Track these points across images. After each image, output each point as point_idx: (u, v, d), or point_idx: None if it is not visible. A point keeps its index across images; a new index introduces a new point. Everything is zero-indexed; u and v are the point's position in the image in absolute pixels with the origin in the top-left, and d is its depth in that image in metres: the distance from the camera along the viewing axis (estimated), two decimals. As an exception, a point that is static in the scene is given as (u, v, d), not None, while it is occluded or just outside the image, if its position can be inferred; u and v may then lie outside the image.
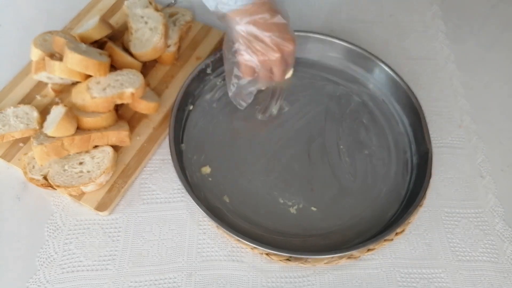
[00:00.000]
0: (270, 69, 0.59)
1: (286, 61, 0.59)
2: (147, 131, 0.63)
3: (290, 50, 0.57)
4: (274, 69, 0.58)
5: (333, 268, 0.55)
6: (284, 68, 0.59)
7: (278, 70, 0.59)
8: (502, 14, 0.79)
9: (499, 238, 0.57)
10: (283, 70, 0.59)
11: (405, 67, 0.71)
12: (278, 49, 0.56)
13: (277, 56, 0.56)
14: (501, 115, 0.68)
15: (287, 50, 0.56)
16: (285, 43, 0.56)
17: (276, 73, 0.59)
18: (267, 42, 0.55)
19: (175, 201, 0.59)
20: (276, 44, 0.55)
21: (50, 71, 0.59)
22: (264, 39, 0.55)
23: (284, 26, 0.55)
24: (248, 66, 0.58)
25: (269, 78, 0.60)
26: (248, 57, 0.57)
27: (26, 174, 0.57)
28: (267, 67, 0.58)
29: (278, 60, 0.57)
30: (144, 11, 0.67)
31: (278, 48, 0.56)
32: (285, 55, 0.57)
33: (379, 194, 0.59)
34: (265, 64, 0.58)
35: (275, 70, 0.59)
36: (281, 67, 0.58)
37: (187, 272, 0.54)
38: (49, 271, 0.54)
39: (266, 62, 0.57)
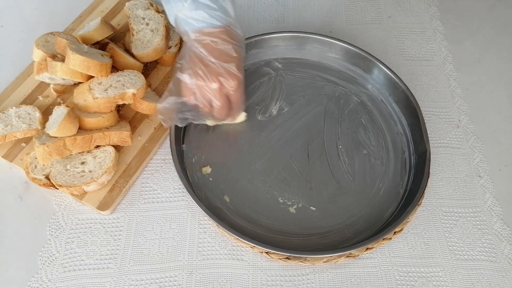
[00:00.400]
0: (209, 101, 0.55)
1: (228, 99, 0.55)
2: (148, 131, 0.63)
3: (230, 85, 0.53)
4: (213, 102, 0.55)
5: (332, 267, 0.55)
6: (223, 104, 0.55)
7: (216, 104, 0.55)
8: (499, 16, 0.79)
9: (497, 237, 0.57)
10: (223, 108, 0.55)
11: (404, 68, 0.72)
12: (217, 79, 0.53)
13: (214, 87, 0.53)
14: (498, 115, 0.68)
15: (227, 84, 0.53)
16: (227, 75, 0.53)
17: (215, 107, 0.55)
18: (208, 68, 0.52)
19: (176, 201, 0.59)
20: (216, 73, 0.52)
21: (52, 72, 0.60)
22: (207, 63, 0.52)
23: (234, 59, 0.53)
24: (187, 87, 0.54)
25: (207, 110, 0.56)
26: (187, 77, 0.54)
27: (28, 174, 0.58)
28: (205, 97, 0.55)
29: (216, 92, 0.53)
30: (145, 13, 0.67)
31: (217, 79, 0.53)
32: (226, 90, 0.54)
33: (377, 194, 0.60)
34: (203, 93, 0.54)
35: (213, 103, 0.55)
36: (220, 102, 0.55)
37: (188, 270, 0.55)
38: (51, 270, 0.54)
39: (203, 90, 0.54)
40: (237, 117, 0.62)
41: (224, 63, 0.53)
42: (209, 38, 0.52)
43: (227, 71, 0.53)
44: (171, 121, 0.59)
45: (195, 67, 0.53)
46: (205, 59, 0.53)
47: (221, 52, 0.53)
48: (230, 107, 0.57)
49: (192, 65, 0.53)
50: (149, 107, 0.62)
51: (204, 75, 0.53)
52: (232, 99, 0.56)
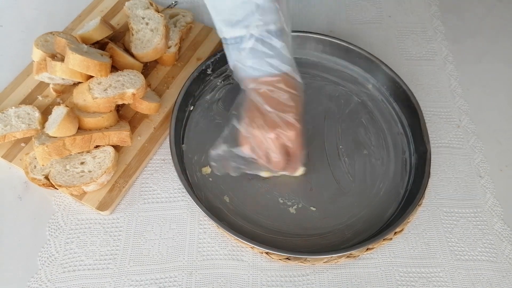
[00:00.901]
0: (265, 152, 0.52)
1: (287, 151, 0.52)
2: (148, 131, 0.63)
3: (288, 135, 0.51)
4: (270, 153, 0.52)
5: (332, 267, 0.55)
6: (280, 156, 0.52)
7: (274, 156, 0.52)
8: (500, 15, 0.79)
9: (498, 237, 0.57)
10: (281, 160, 0.52)
11: (404, 68, 0.72)
12: (274, 129, 0.50)
13: (271, 137, 0.50)
14: (499, 115, 0.68)
15: (285, 135, 0.51)
16: (284, 125, 0.50)
17: (273, 160, 0.52)
18: (265, 118, 0.50)
19: (176, 201, 0.59)
20: (273, 124, 0.50)
21: (51, 71, 0.60)
22: (264, 113, 0.50)
23: (291, 108, 0.51)
24: (243, 136, 0.52)
25: (263, 162, 0.53)
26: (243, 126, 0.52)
27: (28, 174, 0.57)
28: (262, 148, 0.52)
29: (273, 142, 0.51)
30: (145, 12, 0.67)
31: (274, 129, 0.50)
32: (283, 141, 0.51)
33: (378, 194, 0.60)
34: (259, 143, 0.51)
35: (271, 155, 0.52)
36: (277, 153, 0.52)
37: (188, 271, 0.54)
38: (51, 270, 0.54)
39: (260, 140, 0.51)
40: (296, 170, 0.57)
41: (281, 113, 0.50)
42: (265, 87, 0.50)
43: (284, 121, 0.50)
44: (223, 168, 0.56)
45: (252, 116, 0.51)
46: (262, 108, 0.51)
47: (278, 101, 0.51)
48: (288, 159, 0.54)
49: (249, 114, 0.51)
50: (148, 107, 0.62)
51: (260, 124, 0.50)
52: (290, 150, 0.53)
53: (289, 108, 0.51)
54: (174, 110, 0.62)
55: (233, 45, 0.52)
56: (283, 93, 0.51)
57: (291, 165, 0.55)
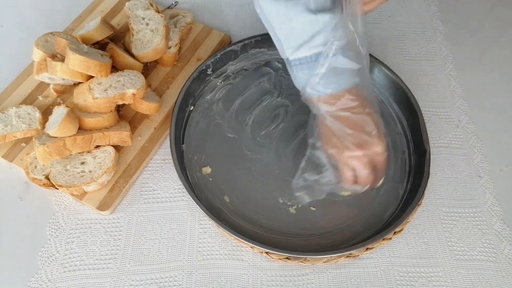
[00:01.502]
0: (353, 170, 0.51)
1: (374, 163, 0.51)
2: (148, 131, 0.63)
3: (376, 151, 0.50)
4: (358, 171, 0.51)
5: (332, 267, 0.55)
6: (370, 171, 0.51)
7: (362, 172, 0.51)
8: (499, 16, 0.79)
9: (497, 237, 0.57)
10: (369, 174, 0.51)
11: (404, 68, 0.72)
12: (361, 147, 0.49)
13: (358, 155, 0.49)
14: (499, 115, 0.68)
15: (372, 151, 0.50)
16: (369, 142, 0.49)
17: (359, 176, 0.51)
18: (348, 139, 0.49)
19: (176, 201, 0.59)
20: (358, 143, 0.49)
21: (52, 72, 0.60)
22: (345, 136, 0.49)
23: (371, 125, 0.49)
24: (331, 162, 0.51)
25: (352, 181, 0.53)
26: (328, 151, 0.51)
27: (28, 174, 0.58)
28: (349, 168, 0.51)
29: (360, 160, 0.50)
30: (145, 13, 0.67)
31: (360, 147, 0.49)
32: (370, 156, 0.50)
33: (377, 194, 0.60)
34: (346, 163, 0.51)
35: (358, 172, 0.51)
36: (365, 169, 0.51)
37: (188, 270, 0.55)
38: (51, 270, 0.54)
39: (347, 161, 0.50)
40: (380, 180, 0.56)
41: (362, 133, 0.49)
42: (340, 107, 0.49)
43: (368, 139, 0.50)
44: (309, 196, 0.57)
45: (332, 140, 0.51)
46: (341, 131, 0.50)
47: (356, 121, 0.49)
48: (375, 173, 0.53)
49: (330, 138, 0.51)
50: (149, 107, 0.62)
51: (344, 146, 0.50)
52: (378, 164, 0.52)
53: (369, 125, 0.50)
54: (174, 110, 0.62)
55: (298, 66, 0.50)
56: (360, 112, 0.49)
57: (377, 179, 0.54)
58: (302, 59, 0.49)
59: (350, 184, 0.53)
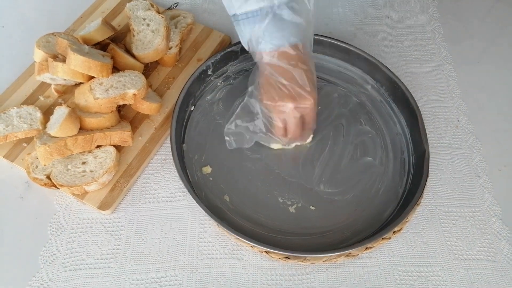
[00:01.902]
0: (283, 121, 0.55)
1: (303, 119, 0.55)
2: (149, 131, 0.64)
3: (306, 105, 0.53)
4: (288, 122, 0.55)
5: (331, 266, 0.55)
6: (299, 124, 0.55)
7: (291, 123, 0.55)
8: (498, 16, 0.79)
9: (496, 237, 0.58)
10: (297, 126, 0.55)
11: (403, 68, 0.72)
12: (293, 99, 0.53)
13: (290, 107, 0.53)
14: (497, 115, 0.68)
15: (303, 104, 0.53)
16: (302, 95, 0.53)
17: (289, 127, 0.56)
18: (282, 90, 0.52)
19: (177, 200, 0.60)
20: (291, 95, 0.53)
21: (53, 72, 0.60)
22: (281, 86, 0.53)
23: (306, 79, 0.53)
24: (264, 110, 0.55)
25: (282, 132, 0.56)
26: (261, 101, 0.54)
27: (30, 174, 0.58)
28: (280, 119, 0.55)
29: (291, 112, 0.53)
30: (145, 14, 0.67)
31: (293, 99, 0.53)
32: (300, 110, 0.54)
33: (377, 193, 0.60)
34: (278, 115, 0.54)
35: (288, 123, 0.55)
36: (295, 121, 0.55)
37: (188, 270, 0.55)
38: (52, 270, 0.54)
39: (278, 111, 0.54)
40: (307, 137, 0.61)
41: (296, 86, 0.53)
42: (280, 60, 0.52)
43: (301, 92, 0.53)
44: (238, 142, 0.60)
45: (268, 89, 0.54)
46: (278, 82, 0.53)
47: (293, 75, 0.52)
48: (303, 128, 0.57)
49: (266, 88, 0.54)
50: (149, 108, 0.62)
51: (279, 97, 0.53)
52: (307, 118, 0.56)
53: (304, 79, 0.53)
54: (175, 110, 0.63)
55: (245, 20, 0.53)
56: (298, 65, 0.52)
57: (304, 134, 0.59)
58: (248, 13, 0.52)
59: (279, 135, 0.57)
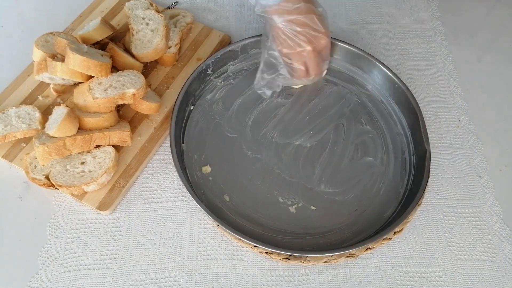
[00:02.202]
0: (304, 64, 0.61)
1: (321, 56, 0.61)
2: (148, 131, 0.63)
3: (323, 44, 0.59)
4: (309, 63, 0.61)
5: (332, 267, 0.55)
6: (319, 62, 0.62)
7: (312, 64, 0.61)
8: (499, 16, 0.79)
9: (497, 237, 0.58)
10: (318, 65, 0.62)
11: (404, 68, 0.72)
12: (310, 42, 0.58)
13: (308, 50, 0.59)
14: (498, 115, 0.68)
15: (320, 44, 0.59)
16: (317, 36, 0.58)
17: (310, 68, 0.62)
18: (299, 37, 0.58)
19: (176, 200, 0.59)
20: (308, 39, 0.58)
21: (52, 72, 0.60)
22: (296, 34, 0.57)
23: (317, 21, 0.58)
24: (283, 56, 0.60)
25: (304, 73, 0.63)
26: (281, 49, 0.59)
27: (28, 174, 0.58)
28: (301, 61, 0.61)
29: (311, 53, 0.59)
30: (145, 13, 0.67)
31: (310, 42, 0.58)
32: (318, 49, 0.60)
33: (377, 194, 0.60)
34: (299, 58, 0.60)
35: (309, 64, 0.61)
36: (315, 61, 0.61)
37: (188, 270, 0.55)
38: (51, 270, 0.54)
39: (300, 56, 0.59)
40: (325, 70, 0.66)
41: (311, 30, 0.58)
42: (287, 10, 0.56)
43: (316, 35, 0.58)
44: (269, 89, 0.65)
45: (285, 40, 0.58)
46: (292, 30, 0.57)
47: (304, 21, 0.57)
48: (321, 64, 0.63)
49: (283, 38, 0.58)
50: (149, 107, 0.62)
51: (296, 44, 0.58)
52: (324, 53, 0.62)
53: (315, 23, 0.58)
54: (174, 110, 0.62)
55: None
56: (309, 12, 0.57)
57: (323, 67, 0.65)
58: None
59: (303, 76, 0.63)
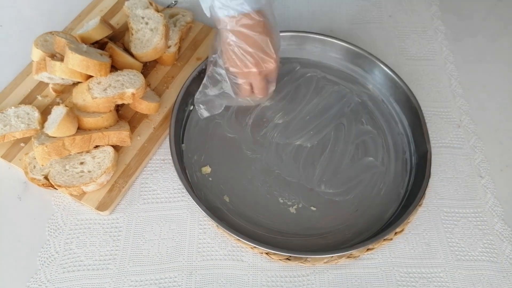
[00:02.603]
0: (250, 84, 0.59)
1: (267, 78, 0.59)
2: (148, 131, 0.63)
3: (269, 67, 0.57)
4: (254, 84, 0.59)
5: (332, 267, 0.55)
6: (264, 84, 0.59)
7: (258, 85, 0.59)
8: (500, 15, 0.79)
9: (498, 237, 0.57)
10: (263, 87, 0.60)
11: (404, 67, 0.71)
12: (257, 65, 0.56)
13: (254, 72, 0.57)
14: (500, 115, 0.68)
15: (267, 67, 0.57)
16: (265, 60, 0.56)
17: (256, 88, 0.60)
18: (247, 56, 0.55)
19: (176, 201, 0.59)
20: (256, 61, 0.56)
21: (51, 71, 0.60)
22: (244, 53, 0.55)
23: (269, 44, 0.55)
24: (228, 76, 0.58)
25: (249, 93, 0.60)
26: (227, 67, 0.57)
27: (27, 174, 0.57)
28: (247, 82, 0.59)
29: (257, 75, 0.57)
30: (144, 12, 0.67)
31: (257, 65, 0.56)
32: (265, 73, 0.58)
33: (378, 194, 0.60)
34: (245, 78, 0.58)
35: (254, 85, 0.59)
36: (261, 83, 0.59)
37: (188, 271, 0.54)
38: (50, 271, 0.54)
39: (246, 76, 0.57)
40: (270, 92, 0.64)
41: (260, 52, 0.55)
42: (242, 27, 0.54)
43: (263, 57, 0.56)
44: (209, 110, 0.62)
45: (232, 58, 0.56)
46: (241, 49, 0.55)
47: (255, 40, 0.54)
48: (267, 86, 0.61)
49: (231, 55, 0.56)
50: (148, 107, 0.61)
51: (243, 64, 0.56)
52: (270, 76, 0.60)
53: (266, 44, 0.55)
54: (174, 110, 0.62)
55: None
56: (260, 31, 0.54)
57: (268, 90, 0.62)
58: None
59: (247, 96, 0.61)
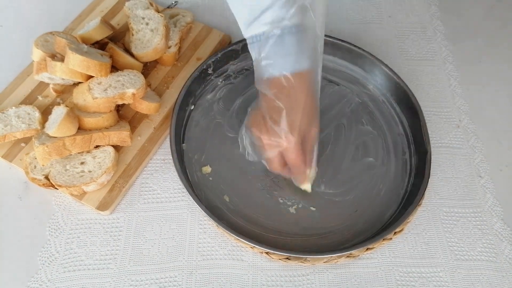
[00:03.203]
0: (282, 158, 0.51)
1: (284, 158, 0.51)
2: (148, 131, 0.63)
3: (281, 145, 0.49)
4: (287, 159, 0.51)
5: (332, 267, 0.55)
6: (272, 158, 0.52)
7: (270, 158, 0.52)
8: (499, 15, 0.79)
9: (497, 237, 0.57)
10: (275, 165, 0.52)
11: (404, 68, 0.72)
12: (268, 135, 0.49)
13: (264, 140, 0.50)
14: (499, 115, 0.68)
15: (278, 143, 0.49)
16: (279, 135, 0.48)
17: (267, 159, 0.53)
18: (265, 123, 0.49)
19: (176, 201, 0.59)
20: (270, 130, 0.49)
21: (51, 71, 0.60)
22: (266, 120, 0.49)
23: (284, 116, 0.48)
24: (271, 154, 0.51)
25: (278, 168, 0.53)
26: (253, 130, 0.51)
27: (28, 174, 0.57)
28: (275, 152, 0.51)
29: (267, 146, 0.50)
30: (145, 12, 0.67)
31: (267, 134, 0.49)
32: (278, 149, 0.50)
33: (378, 194, 0.60)
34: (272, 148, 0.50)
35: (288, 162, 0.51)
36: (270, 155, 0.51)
37: (188, 270, 0.54)
38: (51, 270, 0.54)
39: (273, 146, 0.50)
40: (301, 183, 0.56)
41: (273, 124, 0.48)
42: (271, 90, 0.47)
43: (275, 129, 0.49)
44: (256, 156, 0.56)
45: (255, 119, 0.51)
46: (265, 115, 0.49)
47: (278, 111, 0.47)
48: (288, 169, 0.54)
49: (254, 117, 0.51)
50: (148, 107, 0.62)
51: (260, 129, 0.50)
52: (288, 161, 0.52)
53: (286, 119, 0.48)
54: (175, 110, 0.62)
55: (251, 45, 0.48)
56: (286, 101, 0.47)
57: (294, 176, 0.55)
58: (254, 37, 0.47)
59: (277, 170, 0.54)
